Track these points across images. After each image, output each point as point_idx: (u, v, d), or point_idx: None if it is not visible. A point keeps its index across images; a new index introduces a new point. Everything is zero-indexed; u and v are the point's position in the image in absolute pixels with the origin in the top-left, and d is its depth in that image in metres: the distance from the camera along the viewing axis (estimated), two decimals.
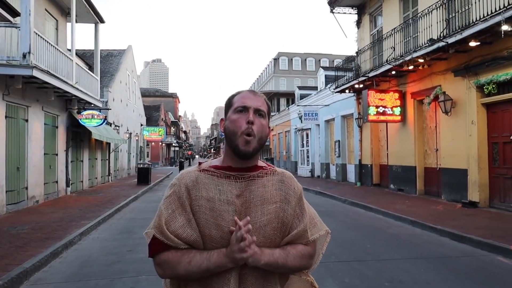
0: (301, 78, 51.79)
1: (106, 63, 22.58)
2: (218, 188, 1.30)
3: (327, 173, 20.04)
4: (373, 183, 14.70)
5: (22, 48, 8.72)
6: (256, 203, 1.30)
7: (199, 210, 1.28)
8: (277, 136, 32.68)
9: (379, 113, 12.39)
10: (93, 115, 13.72)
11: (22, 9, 8.77)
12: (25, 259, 5.16)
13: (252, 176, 1.33)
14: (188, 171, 1.36)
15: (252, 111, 1.31)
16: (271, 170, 1.39)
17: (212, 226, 1.26)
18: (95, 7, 14.09)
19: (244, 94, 1.36)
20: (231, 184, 1.31)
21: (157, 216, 1.31)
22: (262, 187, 1.33)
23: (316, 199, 12.51)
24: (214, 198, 1.28)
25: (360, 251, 5.81)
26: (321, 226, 1.43)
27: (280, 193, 1.34)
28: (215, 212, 1.27)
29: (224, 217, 1.26)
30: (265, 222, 1.28)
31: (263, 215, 1.29)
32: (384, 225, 7.96)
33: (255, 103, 1.33)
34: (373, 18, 15.16)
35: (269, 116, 1.41)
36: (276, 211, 1.31)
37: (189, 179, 1.33)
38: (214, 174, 1.33)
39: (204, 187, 1.31)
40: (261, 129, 1.32)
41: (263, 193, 1.31)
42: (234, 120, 1.31)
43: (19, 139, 10.08)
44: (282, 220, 1.31)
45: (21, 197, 10.18)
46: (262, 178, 1.34)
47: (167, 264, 1.27)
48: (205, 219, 1.27)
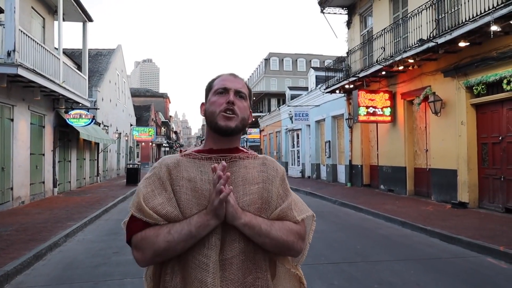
0: (292, 79, 51.86)
1: (95, 63, 22.28)
2: (200, 170, 1.26)
3: (318, 174, 20.04)
4: (363, 184, 14.72)
5: (6, 46, 8.52)
6: (237, 183, 1.25)
7: (180, 190, 1.23)
8: (267, 137, 32.63)
9: (369, 113, 12.40)
10: (81, 115, 13.50)
11: (7, 6, 8.57)
12: (6, 262, 5.01)
13: (233, 157, 1.30)
14: (170, 156, 1.33)
15: (233, 92, 1.29)
16: (253, 155, 1.35)
17: (193, 206, 1.21)
18: (83, 5, 13.87)
19: (224, 76, 1.34)
20: (212, 165, 1.25)
21: (136, 195, 1.26)
22: (243, 168, 1.29)
23: (307, 200, 12.44)
24: (196, 178, 1.24)
25: (350, 252, 5.76)
26: (306, 209, 1.37)
27: (262, 174, 1.30)
28: (196, 191, 1.23)
29: (205, 196, 1.22)
30: (248, 202, 1.23)
31: (245, 195, 1.24)
32: (374, 225, 7.94)
33: (236, 85, 1.31)
34: (363, 18, 15.19)
35: (251, 100, 1.38)
36: (259, 191, 1.26)
37: (170, 161, 1.29)
38: (195, 157, 1.30)
39: (186, 169, 1.27)
40: (242, 110, 1.30)
41: (244, 174, 1.28)
42: (213, 102, 1.29)
43: (4, 138, 9.86)
44: (267, 200, 1.27)
45: (6, 198, 9.95)
46: (244, 160, 1.31)
47: (145, 241, 1.17)
48: (186, 199, 1.22)
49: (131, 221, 1.23)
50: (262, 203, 1.26)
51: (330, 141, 17.88)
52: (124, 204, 11.87)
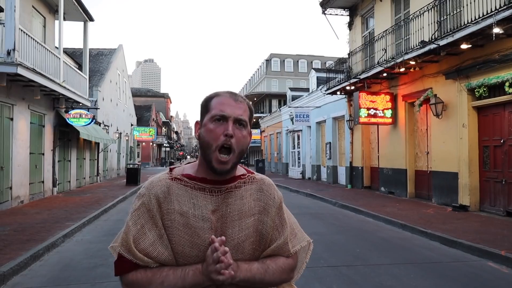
0: (293, 80, 51.84)
1: (96, 62, 22.28)
2: (192, 202, 1.17)
3: (318, 175, 19.98)
4: (363, 186, 14.67)
5: (6, 45, 8.50)
6: (233, 218, 1.19)
7: (171, 225, 1.16)
8: (268, 138, 32.59)
9: (370, 115, 12.35)
10: (81, 115, 13.47)
11: (7, 5, 8.55)
12: (3, 262, 4.97)
13: (229, 188, 1.21)
14: (159, 179, 1.21)
15: (232, 121, 1.16)
16: (250, 178, 1.27)
17: (186, 244, 1.15)
18: (83, 4, 13.85)
19: (223, 99, 1.18)
20: (206, 198, 1.19)
21: (124, 233, 1.17)
22: (239, 199, 1.21)
23: (307, 201, 12.43)
24: (188, 213, 1.16)
25: (349, 255, 5.71)
26: (302, 237, 1.33)
27: (258, 203, 1.24)
28: (189, 228, 1.16)
29: (199, 234, 1.15)
30: (243, 238, 1.19)
31: (240, 230, 1.19)
32: (374, 228, 7.89)
33: (236, 112, 1.17)
34: (365, 20, 15.15)
35: (251, 121, 1.26)
36: (254, 224, 1.21)
37: (159, 189, 1.19)
38: (187, 185, 1.20)
39: (177, 199, 1.18)
40: (241, 141, 1.17)
41: (240, 206, 1.21)
42: (210, 130, 1.16)
43: (3, 138, 9.83)
44: (261, 233, 1.22)
45: (5, 197, 9.92)
46: (240, 189, 1.23)
47: (136, 285, 1.14)
48: (178, 236, 1.15)
49: (120, 259, 1.16)
50: (257, 235, 1.22)
51: (331, 142, 17.83)
52: (124, 204, 11.82)
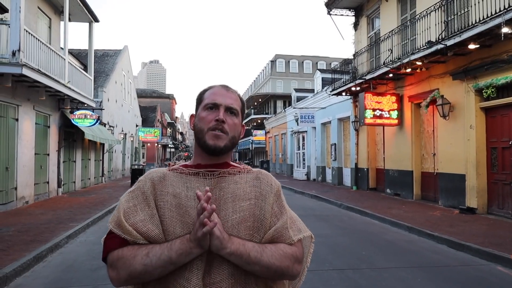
0: (298, 81, 51.72)
1: (101, 63, 22.36)
2: (186, 185, 1.18)
3: (323, 177, 19.87)
4: (369, 187, 14.55)
5: (11, 45, 8.53)
6: (226, 200, 1.17)
7: (164, 206, 1.15)
8: (273, 139, 32.52)
9: (376, 116, 12.24)
10: (86, 115, 13.51)
11: (12, 6, 8.57)
12: (6, 264, 4.95)
13: (222, 172, 1.20)
14: (156, 170, 1.25)
15: (223, 109, 1.21)
16: (246, 169, 1.26)
17: (177, 224, 1.13)
18: (89, 5, 13.88)
19: (216, 90, 1.25)
20: (199, 181, 1.19)
21: (116, 210, 1.17)
22: (233, 183, 1.20)
23: (311, 203, 12.34)
24: (181, 194, 1.16)
25: (354, 258, 5.62)
26: (305, 229, 1.26)
27: (255, 189, 1.20)
28: (181, 208, 1.14)
29: (190, 213, 1.13)
30: (238, 220, 1.14)
31: (234, 212, 1.15)
32: (380, 230, 7.79)
33: (227, 100, 1.23)
34: (371, 20, 15.04)
35: (243, 114, 1.29)
36: (250, 208, 1.16)
37: (156, 175, 1.22)
38: (182, 172, 1.21)
39: (171, 184, 1.19)
40: (233, 128, 1.22)
41: (234, 190, 1.19)
42: (202, 118, 1.22)
43: (8, 138, 9.86)
44: (259, 218, 1.17)
45: (10, 197, 9.95)
46: (234, 176, 1.21)
47: (121, 260, 1.09)
48: (170, 216, 1.14)
49: (109, 237, 1.15)
50: (254, 221, 1.16)
51: (336, 143, 17.72)
52: None
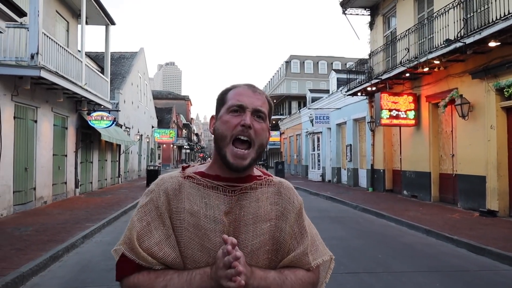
0: (313, 81, 51.45)
1: (118, 65, 22.69)
2: (204, 201, 1.07)
3: (338, 178, 19.67)
4: (385, 189, 14.31)
5: (30, 49, 8.70)
6: (247, 222, 1.07)
7: (181, 225, 1.05)
8: (288, 140, 32.39)
9: (392, 116, 12.04)
10: (102, 117, 13.69)
11: (31, 9, 8.74)
12: (23, 263, 5.03)
13: (244, 189, 1.09)
14: (170, 177, 1.12)
15: (250, 112, 1.06)
16: (267, 180, 1.15)
17: (196, 247, 1.04)
18: (105, 9, 14.09)
19: (241, 90, 1.10)
20: (219, 197, 1.08)
21: (128, 230, 1.08)
22: (255, 201, 1.10)
23: (326, 205, 12.21)
24: (199, 213, 1.06)
25: (370, 262, 5.51)
26: (324, 251, 1.19)
27: (276, 207, 1.11)
28: (199, 230, 1.05)
29: (210, 237, 1.04)
30: (258, 245, 1.07)
31: (255, 236, 1.07)
32: (396, 233, 7.63)
33: (255, 102, 1.07)
34: (387, 19, 14.81)
35: (270, 117, 1.14)
36: (270, 231, 1.09)
37: (170, 186, 1.10)
38: (200, 183, 1.09)
39: (188, 197, 1.08)
40: (260, 134, 1.07)
41: (255, 210, 1.09)
42: (225, 122, 1.06)
43: (27, 140, 10.06)
44: (278, 241, 1.09)
45: (29, 197, 10.15)
46: (256, 191, 1.11)
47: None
48: (188, 237, 1.04)
49: (122, 260, 1.06)
50: (273, 244, 1.09)
51: (352, 144, 17.52)
52: None
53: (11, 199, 9.18)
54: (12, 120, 9.27)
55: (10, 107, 9.19)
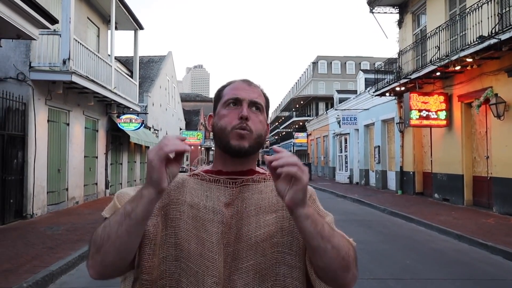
0: (340, 82, 50.74)
1: (147, 69, 23.23)
2: (206, 194, 1.04)
3: (366, 180, 19.26)
4: (415, 192, 13.87)
5: (62, 54, 9.03)
6: (249, 213, 1.02)
7: (180, 217, 1.02)
8: (315, 141, 32.09)
9: (422, 117, 11.65)
10: (131, 119, 14.04)
11: (63, 17, 9.08)
12: (53, 261, 5.20)
13: (245, 180, 1.06)
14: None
15: (247, 103, 1.05)
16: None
17: (192, 239, 1.00)
18: (134, 14, 14.45)
19: (237, 84, 1.11)
20: (220, 189, 1.05)
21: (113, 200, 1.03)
22: (257, 193, 1.05)
23: (353, 207, 11.96)
24: (199, 205, 1.03)
25: (398, 268, 5.32)
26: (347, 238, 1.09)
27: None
28: (197, 221, 1.01)
29: (207, 228, 1.00)
30: (263, 237, 0.99)
31: (259, 228, 1.00)
32: (426, 238, 7.35)
33: (250, 95, 1.07)
34: (416, 17, 14.38)
35: (268, 111, 1.14)
36: (277, 222, 1.01)
37: (174, 180, 1.05)
38: (203, 178, 1.08)
39: (190, 191, 1.06)
40: (258, 125, 1.05)
41: (258, 201, 1.04)
42: (223, 116, 1.06)
43: (60, 142, 10.45)
44: (289, 231, 1.00)
45: (62, 198, 10.53)
46: (259, 184, 1.07)
47: (92, 242, 0.91)
48: (185, 229, 1.01)
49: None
50: (283, 235, 1.01)
51: (380, 146, 17.11)
52: None
53: (45, 199, 9.56)
54: (46, 123, 9.66)
55: (44, 111, 9.58)
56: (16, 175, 8.53)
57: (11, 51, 8.83)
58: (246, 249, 0.98)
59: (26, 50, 8.94)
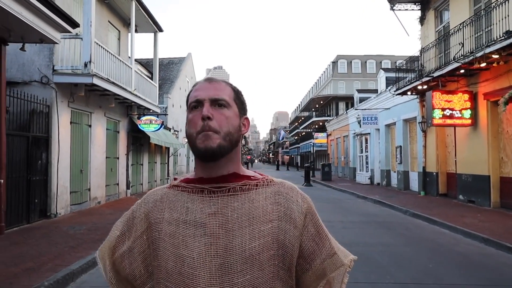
0: (360, 81, 50.03)
1: (167, 71, 23.55)
2: (186, 206, 0.99)
3: (388, 181, 18.88)
4: (439, 193, 13.48)
5: (83, 57, 9.23)
6: (242, 224, 0.95)
7: (158, 236, 0.99)
8: (335, 141, 31.74)
9: (446, 116, 11.31)
10: (151, 121, 14.22)
11: (84, 21, 9.29)
12: (74, 260, 5.30)
13: (233, 188, 0.99)
14: (156, 189, 1.10)
15: (208, 103, 1.00)
16: (265, 180, 1.03)
17: (169, 257, 0.95)
18: (153, 17, 14.65)
19: (198, 85, 1.05)
20: (204, 200, 0.99)
21: (109, 235, 1.10)
22: (249, 202, 0.98)
23: (374, 209, 11.73)
24: (178, 220, 0.98)
25: (420, 271, 5.16)
26: (345, 251, 1.06)
27: (277, 207, 0.99)
28: (176, 238, 0.96)
29: (187, 244, 0.94)
30: (259, 249, 0.93)
31: (253, 239, 0.94)
32: (450, 241, 7.11)
33: (210, 93, 1.01)
34: (439, 13, 13.99)
35: (241, 104, 1.06)
36: (273, 233, 0.95)
37: (152, 197, 1.06)
38: (184, 189, 1.03)
39: (169, 206, 1.01)
40: (225, 122, 0.99)
41: (251, 210, 0.97)
42: (189, 121, 1.02)
43: (82, 143, 10.69)
44: (283, 244, 0.95)
45: (84, 198, 10.76)
46: (250, 192, 1.00)
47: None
48: (163, 248, 0.97)
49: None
50: (278, 248, 0.95)
51: (402, 146, 16.75)
52: None
53: (68, 199, 9.79)
54: (69, 125, 9.89)
55: (67, 113, 9.82)
56: (41, 176, 8.77)
57: (36, 55, 9.09)
58: (241, 262, 0.92)
59: (50, 54, 9.17)
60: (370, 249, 6.19)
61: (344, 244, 1.11)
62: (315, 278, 1.00)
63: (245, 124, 1.06)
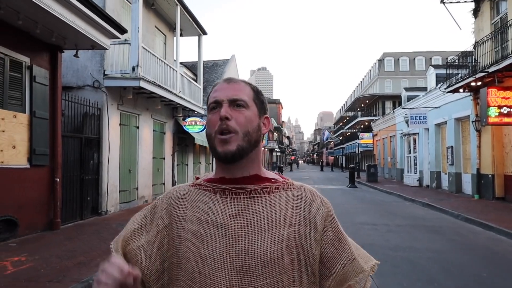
0: (409, 79, 48.00)
1: (211, 73, 24.03)
2: (208, 206, 1.00)
3: (438, 183, 17.94)
4: (495, 197, 12.59)
5: (131, 62, 9.65)
6: (262, 228, 0.95)
7: (180, 234, 0.99)
8: (381, 142, 30.71)
9: (503, 114, 10.56)
10: (195, 122, 14.59)
11: (132, 27, 9.71)
12: None
13: (254, 190, 0.99)
14: (178, 186, 1.10)
15: (227, 103, 1.00)
16: (286, 183, 1.03)
17: (191, 256, 0.95)
18: (198, 20, 15.00)
19: (217, 86, 1.05)
20: (226, 201, 0.99)
21: (125, 227, 1.08)
22: (269, 205, 0.98)
23: (423, 212, 11.18)
24: (200, 219, 0.98)
25: (471, 280, 4.83)
26: (367, 255, 1.03)
27: (298, 212, 0.98)
28: (198, 238, 0.96)
29: (208, 243, 0.94)
30: (279, 254, 0.93)
31: (273, 243, 0.93)
32: (507, 249, 6.61)
33: (229, 93, 1.01)
34: (495, 4, 13.06)
35: (261, 104, 1.06)
36: (293, 237, 0.95)
37: (174, 194, 1.06)
38: (206, 188, 1.03)
39: (191, 205, 1.02)
40: (243, 122, 0.99)
41: (271, 214, 0.97)
42: (208, 121, 1.02)
43: (131, 144, 11.18)
44: (304, 249, 0.95)
45: (132, 196, 11.25)
46: (271, 195, 1.00)
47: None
48: (184, 246, 0.97)
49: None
50: (299, 253, 0.95)
51: (453, 146, 15.84)
52: None
53: (117, 197, 10.28)
54: (118, 127, 10.39)
55: (117, 115, 10.32)
56: (93, 175, 9.29)
57: (88, 61, 9.64)
58: (262, 265, 0.91)
59: (101, 60, 9.70)
60: (417, 255, 5.90)
61: (389, 248, 1.06)
62: (335, 284, 0.97)
63: (265, 123, 1.06)
